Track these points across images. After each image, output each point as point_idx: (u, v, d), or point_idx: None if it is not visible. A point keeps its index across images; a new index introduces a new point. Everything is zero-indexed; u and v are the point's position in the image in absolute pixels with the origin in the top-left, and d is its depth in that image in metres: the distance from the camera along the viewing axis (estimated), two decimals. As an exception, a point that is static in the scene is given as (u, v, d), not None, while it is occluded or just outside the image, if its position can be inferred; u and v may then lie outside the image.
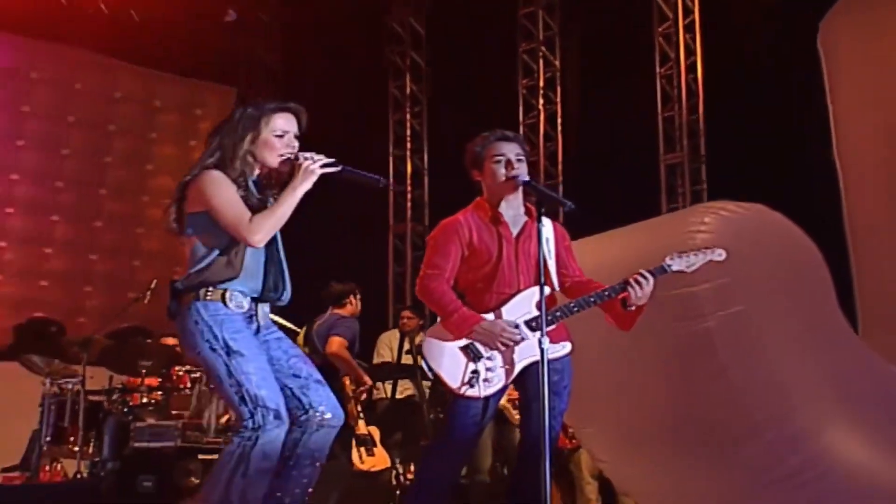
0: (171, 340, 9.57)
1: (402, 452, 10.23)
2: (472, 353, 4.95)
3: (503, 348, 4.90)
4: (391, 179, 13.62)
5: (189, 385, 9.16)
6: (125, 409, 8.74)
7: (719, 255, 5.08)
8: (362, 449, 9.03)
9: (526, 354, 5.00)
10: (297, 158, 4.32)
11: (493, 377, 4.95)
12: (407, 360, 10.20)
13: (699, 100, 11.53)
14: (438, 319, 5.08)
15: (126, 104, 13.63)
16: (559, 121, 12.61)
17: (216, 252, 4.28)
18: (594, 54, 12.11)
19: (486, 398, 4.96)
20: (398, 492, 9.46)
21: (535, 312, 4.99)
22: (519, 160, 5.16)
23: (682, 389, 6.06)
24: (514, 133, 5.30)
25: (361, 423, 9.12)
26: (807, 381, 5.73)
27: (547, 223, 5.16)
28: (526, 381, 5.04)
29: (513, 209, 5.21)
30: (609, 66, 11.86)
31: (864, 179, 7.98)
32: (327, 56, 12.81)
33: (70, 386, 8.97)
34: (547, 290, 4.95)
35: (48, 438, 8.94)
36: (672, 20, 11.58)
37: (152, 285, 8.89)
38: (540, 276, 4.85)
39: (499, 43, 12.74)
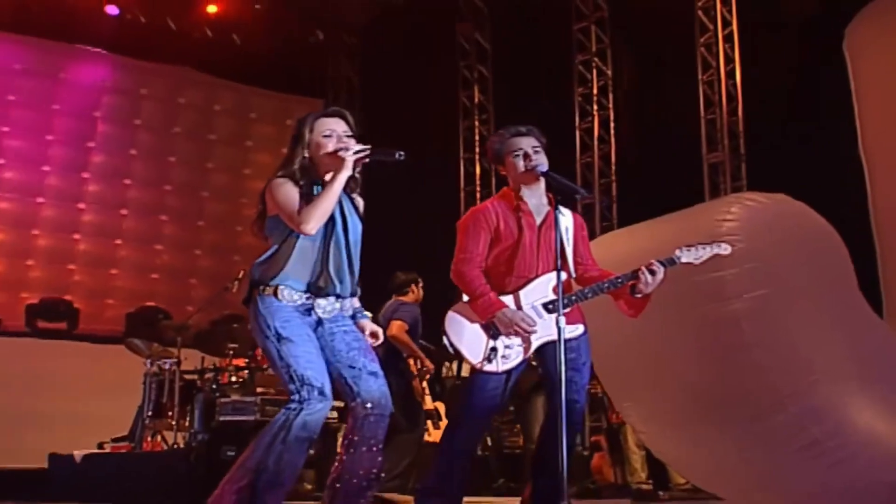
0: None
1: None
2: (491, 331, 4.87)
3: (517, 335, 4.83)
4: (462, 180, 13.65)
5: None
6: (214, 387, 8.82)
7: (725, 248, 5.03)
8: (429, 422, 9.10)
9: (541, 334, 4.92)
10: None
11: (510, 354, 4.88)
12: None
13: (738, 103, 11.24)
14: (464, 298, 4.99)
15: (224, 116, 13.82)
16: (612, 125, 12.34)
17: (273, 250, 4.36)
18: (642, 64, 11.97)
19: (508, 373, 4.90)
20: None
21: (552, 296, 4.91)
22: (536, 151, 5.05)
23: (711, 366, 5.94)
24: (529, 127, 5.18)
25: (428, 398, 9.09)
26: (829, 357, 5.57)
27: (567, 213, 5.09)
28: (545, 359, 4.97)
29: (535, 198, 5.08)
30: (656, 74, 11.73)
31: (887, 173, 7.78)
32: (403, 71, 12.84)
33: (167, 366, 9.06)
34: (563, 275, 4.85)
35: (150, 413, 9.09)
36: (712, 31, 11.30)
37: (240, 276, 8.89)
38: (557, 262, 4.72)
39: (556, 55, 12.53)
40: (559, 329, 4.58)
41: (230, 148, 13.84)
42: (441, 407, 9.34)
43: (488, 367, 4.92)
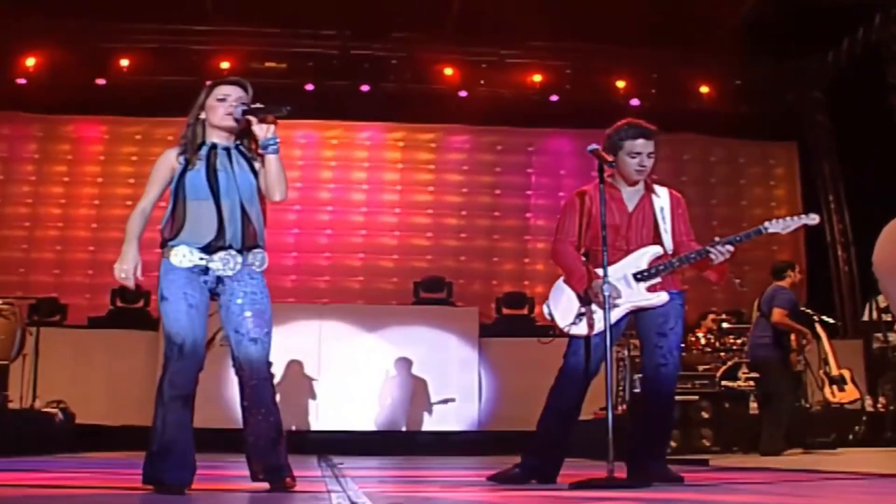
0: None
1: (883, 388, 11.88)
2: (582, 299, 5.15)
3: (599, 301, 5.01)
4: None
5: (703, 345, 11.36)
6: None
7: (813, 219, 5.18)
8: (834, 387, 10.43)
9: (626, 301, 5.15)
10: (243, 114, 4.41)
11: (595, 320, 5.09)
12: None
13: None
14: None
15: (720, 164, 17.23)
16: None
17: (168, 212, 4.43)
18: None
19: (600, 339, 5.04)
20: (864, 417, 11.12)
21: (644, 267, 5.15)
22: (651, 157, 5.26)
23: None
24: (654, 130, 5.32)
25: (833, 365, 10.52)
26: None
27: (663, 193, 5.32)
28: (637, 325, 5.25)
29: (630, 184, 5.28)
30: None
31: None
32: (866, 112, 15.05)
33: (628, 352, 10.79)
34: (660, 249, 5.19)
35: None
36: None
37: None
38: (604, 240, 4.90)
39: None
40: (605, 298, 4.84)
41: (728, 187, 16.95)
42: (846, 372, 10.54)
43: (574, 331, 5.15)
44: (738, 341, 11.31)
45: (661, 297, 5.09)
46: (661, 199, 5.23)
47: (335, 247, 16.42)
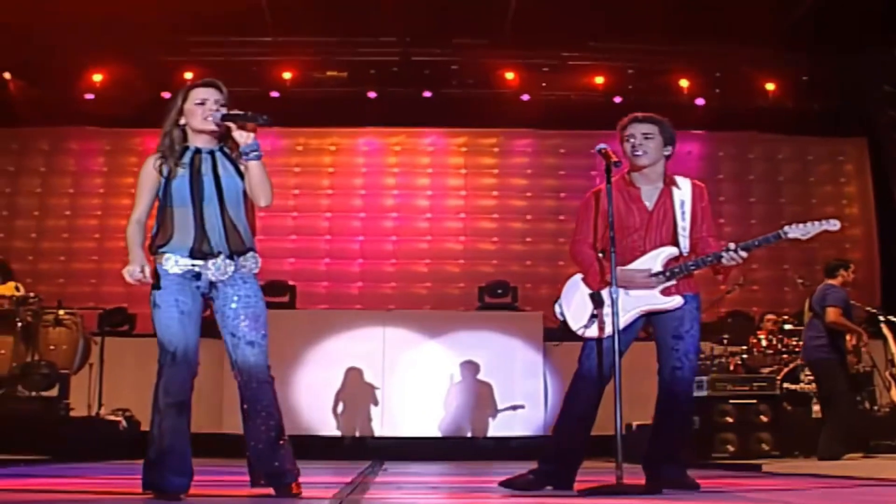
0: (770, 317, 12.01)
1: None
2: (595, 301, 5.02)
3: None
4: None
5: (763, 347, 11.37)
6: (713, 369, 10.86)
7: (833, 224, 4.98)
8: None
9: (637, 305, 5.05)
10: (223, 119, 4.40)
11: (607, 322, 4.91)
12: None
13: None
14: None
15: (787, 162, 16.79)
16: None
17: (157, 220, 4.44)
18: None
19: (601, 343, 5.01)
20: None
21: (658, 268, 5.03)
22: (648, 138, 5.07)
23: None
24: (646, 114, 5.21)
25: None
26: None
27: (685, 185, 5.13)
28: (653, 328, 5.15)
29: (648, 182, 5.13)
30: None
31: None
32: None
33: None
34: (675, 250, 5.05)
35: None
36: None
37: (740, 281, 11.44)
38: (612, 241, 4.78)
39: None
40: (613, 300, 4.68)
41: (797, 185, 16.67)
42: None
43: (588, 333, 5.05)
44: (802, 343, 10.92)
45: (675, 301, 5.00)
46: (683, 191, 5.06)
47: (401, 253, 16.50)
